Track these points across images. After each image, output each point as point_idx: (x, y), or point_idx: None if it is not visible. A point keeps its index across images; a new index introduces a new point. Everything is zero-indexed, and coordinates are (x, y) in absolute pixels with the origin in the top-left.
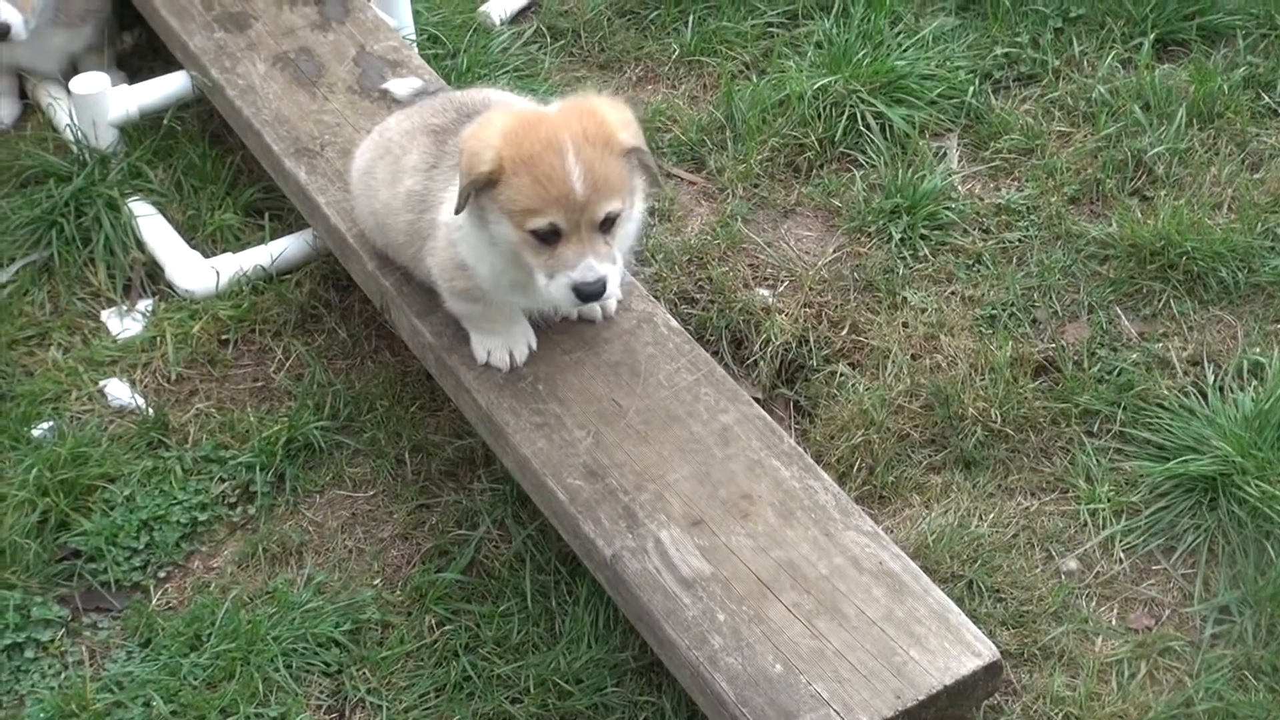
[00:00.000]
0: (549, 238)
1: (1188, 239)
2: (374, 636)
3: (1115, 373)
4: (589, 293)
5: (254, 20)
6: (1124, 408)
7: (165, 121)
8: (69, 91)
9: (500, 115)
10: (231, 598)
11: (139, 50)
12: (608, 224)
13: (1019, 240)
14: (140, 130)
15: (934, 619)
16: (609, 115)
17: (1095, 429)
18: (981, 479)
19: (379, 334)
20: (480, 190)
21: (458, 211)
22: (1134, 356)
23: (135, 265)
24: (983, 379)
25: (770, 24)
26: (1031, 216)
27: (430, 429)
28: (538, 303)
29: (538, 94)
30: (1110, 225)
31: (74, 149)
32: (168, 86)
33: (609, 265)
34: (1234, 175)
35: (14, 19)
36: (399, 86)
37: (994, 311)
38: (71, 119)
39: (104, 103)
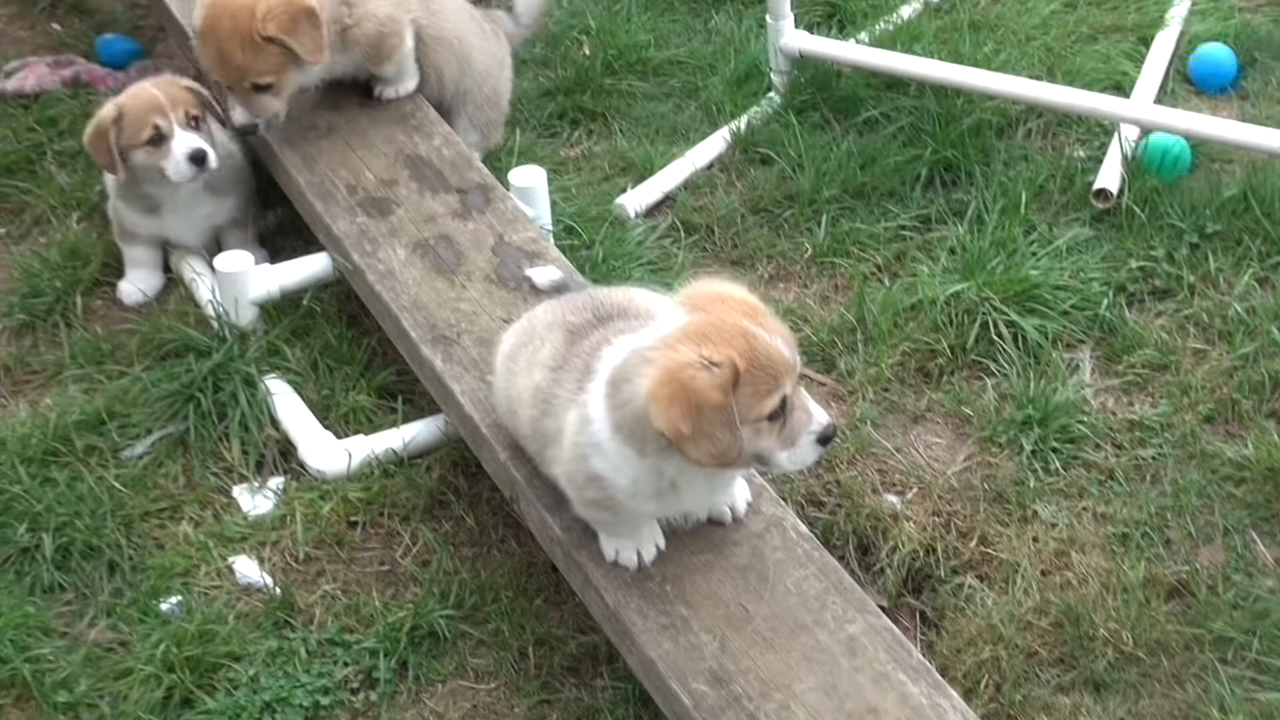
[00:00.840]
0: (775, 415)
1: None
2: None
3: (1250, 599)
4: (833, 433)
5: (396, 206)
6: (1259, 636)
7: (305, 301)
8: (212, 267)
9: (676, 348)
10: None
11: (280, 228)
12: None
13: (1153, 458)
14: (280, 308)
15: None
16: (735, 292)
17: (1229, 657)
18: (1112, 703)
19: (506, 523)
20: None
21: (727, 461)
22: (1270, 584)
23: (269, 443)
24: (1114, 599)
25: (903, 227)
26: (1165, 434)
27: (554, 622)
28: (670, 510)
29: (671, 289)
30: (1246, 447)
31: (215, 324)
32: (309, 267)
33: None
34: None
35: (208, 148)
36: (540, 275)
37: (1126, 530)
38: (214, 295)
39: (246, 281)
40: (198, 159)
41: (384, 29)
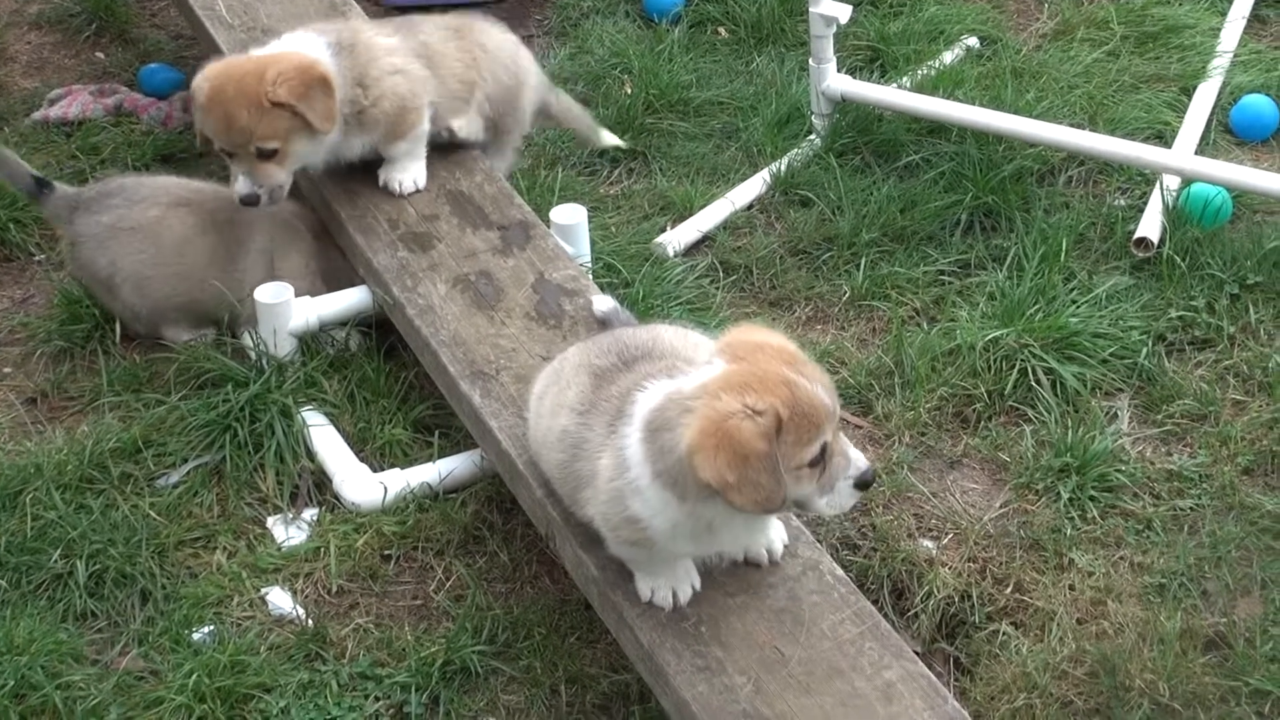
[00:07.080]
0: (816, 462)
1: None
2: None
3: None
4: (872, 479)
5: (437, 242)
6: None
7: (343, 334)
8: (253, 299)
9: (719, 397)
10: None
11: None
12: None
13: (1191, 509)
14: (318, 341)
15: None
16: (774, 339)
17: (1266, 710)
18: None
19: (540, 560)
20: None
21: (771, 508)
22: None
23: (304, 474)
24: (1150, 650)
25: (942, 272)
26: (1204, 485)
27: (586, 661)
28: (706, 550)
29: (709, 329)
30: None
31: (253, 355)
32: (348, 300)
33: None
34: None
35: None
36: (598, 302)
37: (1164, 580)
38: (253, 326)
39: (286, 312)
40: None
41: (405, 104)
